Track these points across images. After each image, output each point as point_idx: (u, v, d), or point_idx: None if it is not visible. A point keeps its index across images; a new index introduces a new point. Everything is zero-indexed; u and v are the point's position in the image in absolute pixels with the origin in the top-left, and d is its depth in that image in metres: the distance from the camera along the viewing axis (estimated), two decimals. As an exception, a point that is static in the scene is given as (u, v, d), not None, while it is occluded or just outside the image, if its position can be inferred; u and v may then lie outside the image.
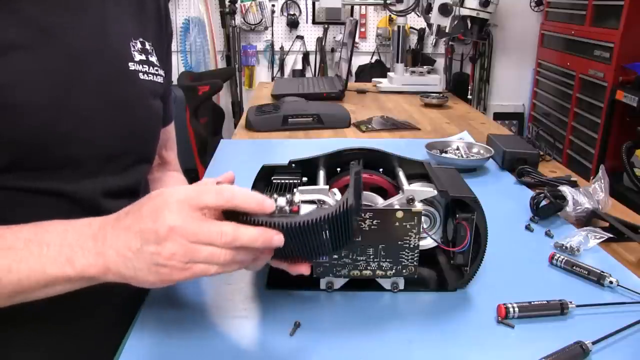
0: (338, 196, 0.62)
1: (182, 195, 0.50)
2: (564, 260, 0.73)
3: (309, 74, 3.62)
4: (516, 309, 0.61)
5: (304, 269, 0.58)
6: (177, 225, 0.49)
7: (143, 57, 0.70)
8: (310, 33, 3.58)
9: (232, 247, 0.50)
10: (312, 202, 0.59)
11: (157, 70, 0.73)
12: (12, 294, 0.52)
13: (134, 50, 0.69)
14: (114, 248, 0.51)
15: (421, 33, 3.51)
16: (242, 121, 1.58)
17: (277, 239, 0.50)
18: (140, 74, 0.69)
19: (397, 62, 2.16)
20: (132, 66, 0.68)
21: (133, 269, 0.50)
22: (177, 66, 3.50)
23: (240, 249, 0.51)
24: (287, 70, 3.64)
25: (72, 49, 0.61)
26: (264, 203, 0.51)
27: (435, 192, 0.64)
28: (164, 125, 0.83)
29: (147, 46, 0.72)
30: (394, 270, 0.65)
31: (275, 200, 0.55)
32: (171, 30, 0.81)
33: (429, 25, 2.23)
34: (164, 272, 0.50)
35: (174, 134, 0.90)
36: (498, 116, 3.60)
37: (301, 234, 0.52)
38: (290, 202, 0.55)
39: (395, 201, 0.64)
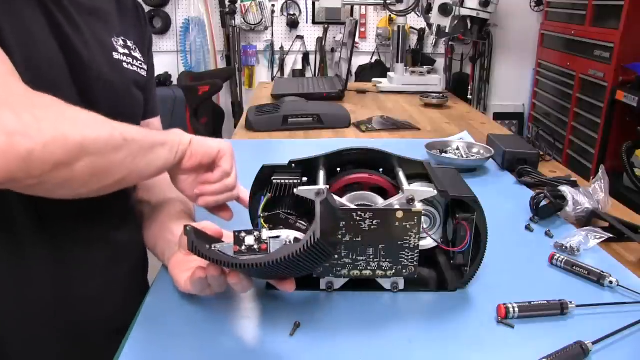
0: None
1: None
2: (564, 260, 0.73)
3: (309, 74, 3.62)
4: (516, 309, 0.61)
5: (288, 287, 0.59)
6: None
7: (126, 51, 0.73)
8: (310, 33, 3.58)
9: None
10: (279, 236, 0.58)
11: (140, 64, 0.75)
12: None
13: (117, 45, 0.72)
14: None
15: (421, 33, 3.51)
16: (242, 121, 1.58)
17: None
18: (125, 64, 0.72)
19: (397, 62, 2.16)
20: (116, 55, 0.71)
21: None
22: (177, 66, 3.50)
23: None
24: (287, 70, 3.64)
25: (67, 34, 0.63)
26: None
27: (435, 192, 0.64)
28: (149, 116, 0.84)
29: (129, 44, 0.75)
30: (394, 270, 0.65)
31: (243, 239, 0.56)
32: (150, 35, 0.84)
33: (429, 25, 2.23)
34: None
35: (160, 129, 0.90)
36: (498, 116, 3.60)
37: (270, 269, 0.53)
38: (259, 240, 0.56)
39: (395, 201, 0.64)
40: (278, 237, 0.57)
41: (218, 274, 0.57)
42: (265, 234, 0.56)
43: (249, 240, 0.56)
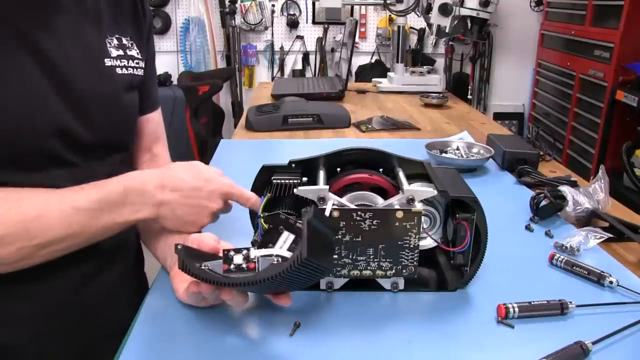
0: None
1: None
2: (564, 260, 0.73)
3: (309, 74, 3.62)
4: (516, 309, 0.61)
5: (284, 302, 0.59)
6: None
7: (121, 52, 0.71)
8: (310, 33, 3.58)
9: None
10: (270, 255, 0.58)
11: (137, 63, 0.74)
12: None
13: (110, 47, 0.70)
14: None
15: (421, 33, 3.51)
16: (242, 121, 1.58)
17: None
18: (118, 69, 0.70)
19: (397, 62, 2.16)
20: (108, 62, 0.69)
21: None
22: (177, 66, 3.50)
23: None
24: (287, 70, 3.64)
25: (45, 50, 0.61)
26: None
27: (435, 192, 0.64)
28: (148, 111, 0.83)
29: (125, 41, 0.73)
30: (394, 270, 0.65)
31: (232, 258, 0.56)
32: (151, 21, 0.81)
33: (429, 25, 2.23)
34: None
35: (161, 123, 0.89)
36: (498, 116, 3.60)
37: (261, 287, 0.54)
38: (247, 259, 0.56)
39: (395, 201, 0.64)
40: (267, 255, 0.57)
41: (211, 290, 0.57)
42: (254, 252, 0.57)
43: (237, 259, 0.56)
